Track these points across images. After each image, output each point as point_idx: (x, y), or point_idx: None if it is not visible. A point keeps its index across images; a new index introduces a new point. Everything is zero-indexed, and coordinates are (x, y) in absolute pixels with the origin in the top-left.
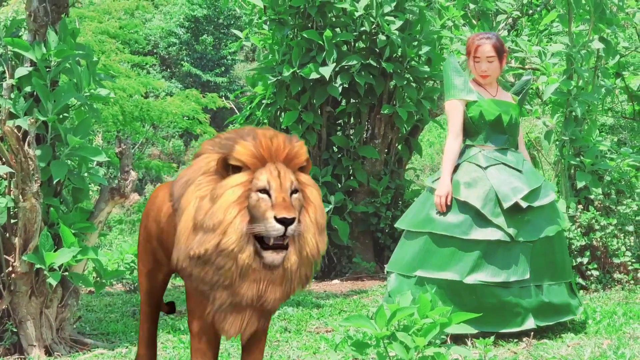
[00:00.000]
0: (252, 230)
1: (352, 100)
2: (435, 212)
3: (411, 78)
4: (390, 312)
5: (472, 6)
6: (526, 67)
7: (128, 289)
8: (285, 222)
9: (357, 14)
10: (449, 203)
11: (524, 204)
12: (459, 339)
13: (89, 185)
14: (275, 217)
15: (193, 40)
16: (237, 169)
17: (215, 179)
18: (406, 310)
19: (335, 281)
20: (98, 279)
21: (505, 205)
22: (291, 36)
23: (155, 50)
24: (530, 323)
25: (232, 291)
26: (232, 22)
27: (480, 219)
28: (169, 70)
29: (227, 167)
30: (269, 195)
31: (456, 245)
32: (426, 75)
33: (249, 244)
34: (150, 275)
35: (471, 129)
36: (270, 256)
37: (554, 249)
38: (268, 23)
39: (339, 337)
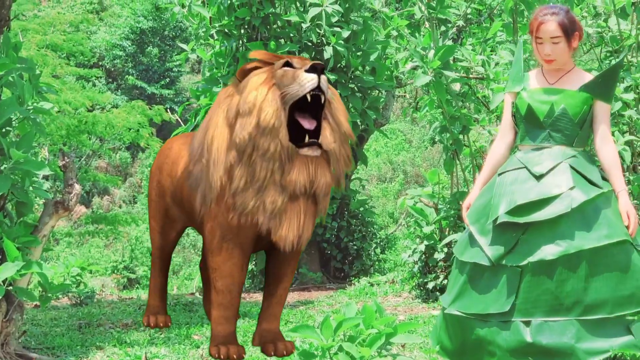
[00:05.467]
0: (286, 94)
1: None
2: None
3: (356, 88)
4: (336, 322)
5: (417, 15)
6: (470, 76)
7: (74, 302)
8: (316, 68)
9: (304, 26)
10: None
11: (502, 219)
12: None
13: (34, 199)
14: (305, 70)
15: (138, 52)
16: None
17: (236, 92)
18: (352, 320)
19: None
20: (43, 293)
21: (490, 220)
22: (236, 48)
23: (100, 63)
24: None
25: (284, 181)
26: (178, 34)
27: (472, 237)
28: (114, 82)
29: (247, 75)
30: (293, 67)
31: (457, 266)
32: (371, 85)
33: (285, 121)
34: (162, 233)
35: (515, 127)
36: (306, 152)
37: (556, 276)
38: (214, 35)
39: None
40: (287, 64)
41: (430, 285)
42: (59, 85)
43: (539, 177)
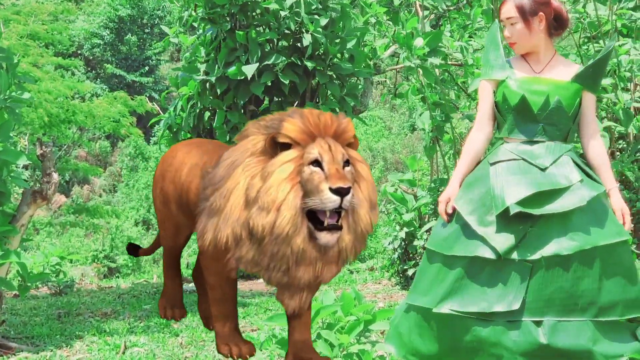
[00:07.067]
0: (307, 205)
1: (276, 99)
2: (440, 222)
3: (334, 75)
4: (314, 310)
5: (396, 2)
6: (449, 62)
7: (53, 291)
8: (341, 192)
9: (282, 14)
10: (449, 211)
11: (514, 209)
12: None
13: (12, 188)
14: (330, 188)
15: (117, 41)
16: (285, 148)
17: (264, 159)
18: (329, 308)
19: (261, 280)
20: (22, 282)
21: (495, 212)
22: (216, 36)
23: (79, 52)
24: None
25: (289, 275)
26: (156, 22)
27: (467, 229)
28: (93, 71)
29: (275, 146)
30: (322, 168)
31: (440, 263)
32: (349, 72)
33: (303, 225)
34: (172, 239)
35: (498, 118)
36: (325, 237)
37: (571, 273)
38: (198, 22)
39: (264, 336)
40: (317, 163)
41: (410, 272)
42: (40, 75)
43: (543, 169)
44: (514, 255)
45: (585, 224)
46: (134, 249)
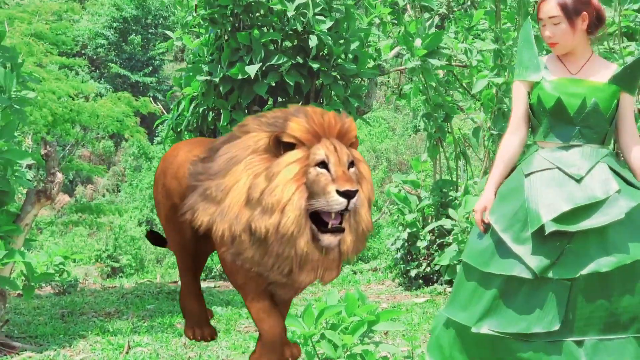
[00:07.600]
0: (313, 206)
1: (280, 99)
2: (475, 232)
3: (338, 76)
4: (317, 310)
5: (400, 2)
6: (453, 63)
7: (57, 291)
8: (349, 194)
9: (289, 14)
10: (485, 220)
11: (550, 227)
12: None
13: (16, 188)
14: (337, 191)
15: (121, 41)
16: (289, 147)
17: (267, 158)
18: (334, 308)
19: None
20: (26, 282)
21: (530, 229)
22: (219, 36)
23: (83, 52)
24: None
25: (290, 278)
26: (160, 22)
27: (502, 246)
28: (97, 71)
29: (279, 145)
30: (328, 170)
31: (477, 279)
32: (353, 73)
33: (307, 226)
34: (177, 231)
35: (533, 121)
36: (328, 239)
37: (612, 289)
38: (200, 22)
39: None
40: (323, 164)
41: (413, 273)
42: (44, 75)
43: (579, 180)
44: (551, 274)
45: (624, 238)
46: (157, 239)
